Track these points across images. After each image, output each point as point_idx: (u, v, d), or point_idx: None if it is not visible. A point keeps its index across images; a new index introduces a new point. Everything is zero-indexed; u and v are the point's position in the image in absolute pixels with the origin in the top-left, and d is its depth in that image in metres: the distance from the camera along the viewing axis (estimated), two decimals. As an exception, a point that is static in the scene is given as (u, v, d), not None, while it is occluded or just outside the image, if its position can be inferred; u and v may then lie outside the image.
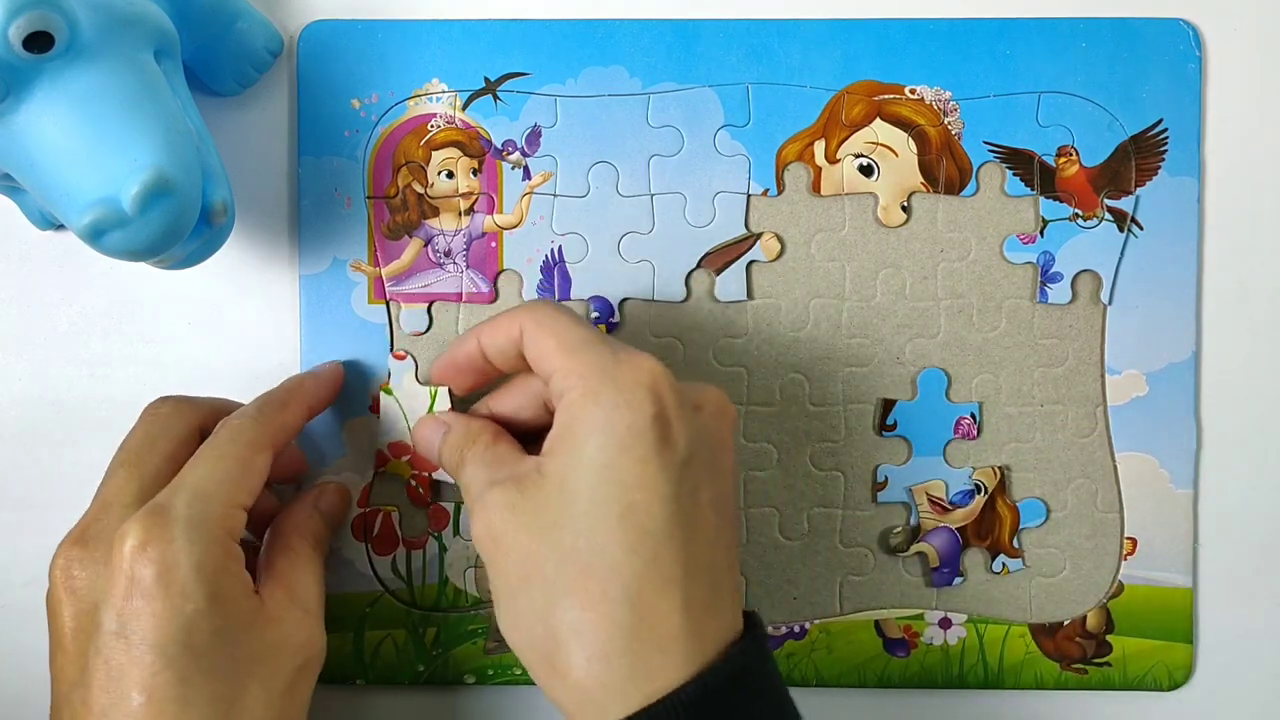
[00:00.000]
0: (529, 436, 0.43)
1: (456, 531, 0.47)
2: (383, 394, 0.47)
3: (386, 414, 0.47)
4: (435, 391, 0.47)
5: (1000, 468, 0.48)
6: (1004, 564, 0.48)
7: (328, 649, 0.43)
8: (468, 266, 0.47)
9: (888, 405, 0.47)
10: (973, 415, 0.47)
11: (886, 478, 0.48)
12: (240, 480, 0.40)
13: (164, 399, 0.44)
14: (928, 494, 0.48)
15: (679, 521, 0.37)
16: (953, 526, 0.48)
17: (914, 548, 0.48)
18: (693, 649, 0.37)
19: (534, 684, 0.48)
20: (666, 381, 0.38)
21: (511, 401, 0.43)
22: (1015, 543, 0.48)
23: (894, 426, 0.48)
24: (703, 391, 0.40)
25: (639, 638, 0.36)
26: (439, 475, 0.47)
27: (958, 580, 0.48)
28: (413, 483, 0.47)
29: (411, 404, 0.47)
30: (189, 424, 0.43)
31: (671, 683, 0.36)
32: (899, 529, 0.48)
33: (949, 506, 0.48)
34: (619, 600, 0.37)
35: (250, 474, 0.41)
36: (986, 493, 0.48)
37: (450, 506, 0.47)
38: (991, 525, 0.48)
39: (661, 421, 0.38)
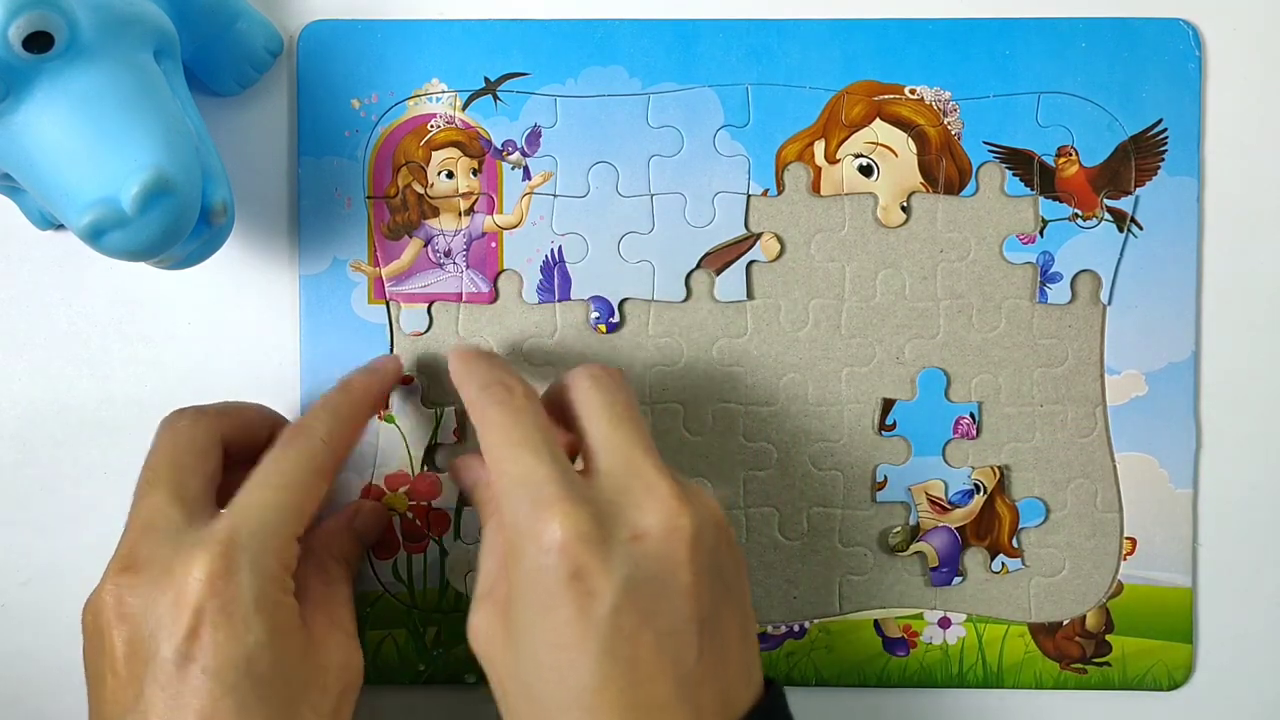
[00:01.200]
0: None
1: (458, 535, 0.47)
2: (382, 423, 0.47)
3: (385, 444, 0.47)
4: (440, 414, 0.47)
5: (1000, 467, 0.48)
6: (1003, 564, 0.48)
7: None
8: (468, 266, 0.47)
9: (887, 405, 0.47)
10: (972, 415, 0.47)
11: (886, 477, 0.48)
12: (303, 511, 0.40)
13: (179, 412, 0.43)
14: (927, 494, 0.48)
15: (613, 673, 0.37)
16: (952, 526, 0.48)
17: (913, 547, 0.48)
18: None
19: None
20: (578, 534, 0.37)
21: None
22: (1015, 542, 0.48)
23: (894, 426, 0.48)
24: (647, 513, 0.39)
25: None
26: (438, 503, 0.47)
27: (957, 580, 0.48)
28: (410, 515, 0.47)
29: (414, 430, 0.47)
30: (210, 435, 0.42)
31: None
32: (898, 529, 0.48)
33: (948, 506, 0.48)
34: None
35: (312, 503, 0.41)
36: (986, 492, 0.48)
37: (451, 511, 0.47)
38: (991, 525, 0.48)
39: (578, 578, 0.37)
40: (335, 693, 0.40)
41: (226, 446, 0.43)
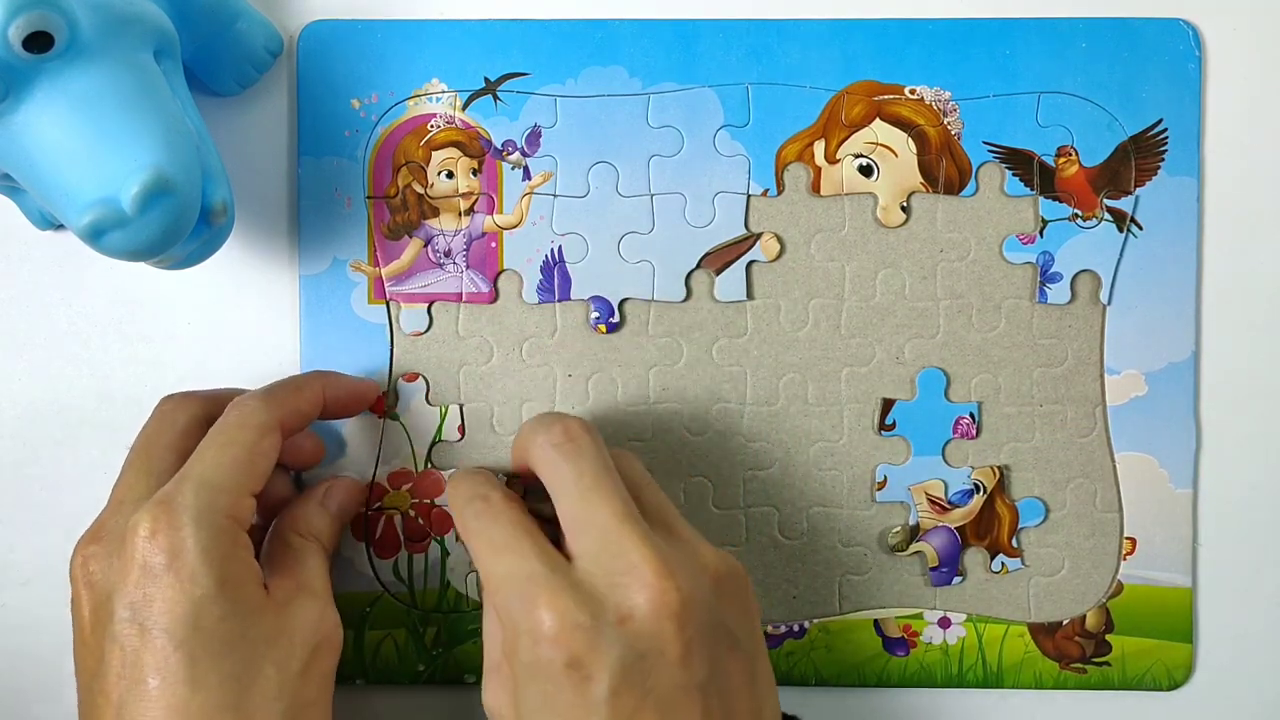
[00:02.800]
0: None
1: (459, 537, 0.47)
2: (386, 420, 0.47)
3: (389, 442, 0.47)
4: (445, 410, 0.47)
5: (999, 467, 0.48)
6: (1003, 563, 0.48)
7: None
8: (468, 266, 0.47)
9: (887, 405, 0.47)
10: (972, 415, 0.47)
11: (886, 477, 0.48)
12: (248, 467, 0.40)
13: (169, 396, 0.44)
14: (927, 493, 0.48)
15: None
16: (952, 526, 0.48)
17: (913, 547, 0.48)
18: None
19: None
20: (569, 623, 0.38)
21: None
22: (1014, 542, 0.48)
23: (893, 426, 0.48)
24: (631, 593, 0.38)
25: None
26: (441, 501, 0.47)
27: (957, 580, 0.48)
28: (412, 513, 0.47)
29: (419, 427, 0.47)
30: (192, 415, 0.43)
31: None
32: (898, 528, 0.48)
33: (948, 506, 0.48)
34: None
35: (258, 459, 0.41)
36: (985, 492, 0.48)
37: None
38: (990, 525, 0.48)
39: (575, 665, 0.38)
40: (305, 650, 0.40)
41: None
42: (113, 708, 0.38)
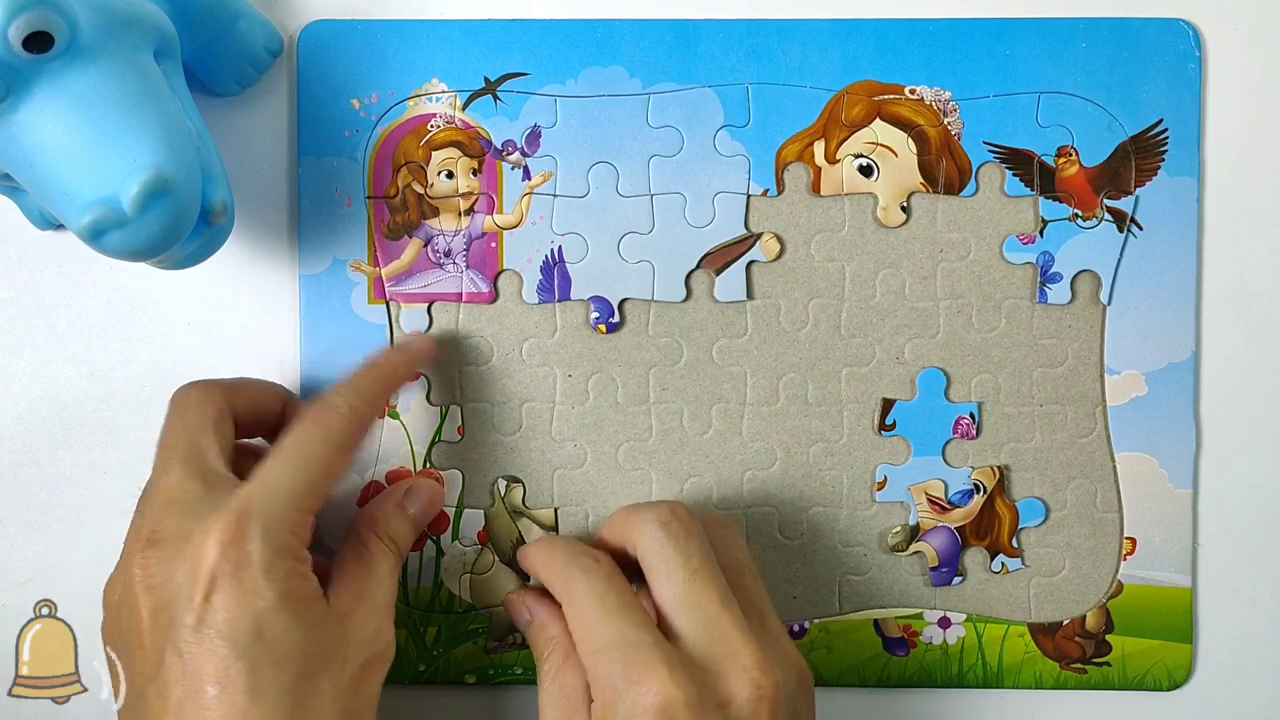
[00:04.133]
0: None
1: (455, 537, 0.47)
2: (386, 420, 0.47)
3: (388, 440, 0.47)
4: (445, 410, 0.47)
5: (999, 467, 0.48)
6: (1003, 564, 0.48)
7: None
8: (468, 266, 0.47)
9: (887, 405, 0.48)
10: (972, 415, 0.47)
11: (886, 477, 0.48)
12: (320, 486, 0.41)
13: (189, 386, 0.44)
14: (927, 494, 0.48)
15: None
16: (952, 526, 0.48)
17: (913, 547, 0.48)
18: None
19: (534, 684, 0.48)
20: (680, 699, 0.38)
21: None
22: (1014, 542, 0.48)
23: (893, 426, 0.48)
24: (732, 680, 0.39)
25: None
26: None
27: (957, 580, 0.48)
28: None
29: (419, 426, 0.47)
30: (220, 408, 0.43)
31: None
32: (898, 529, 0.48)
33: (948, 506, 0.48)
34: None
35: (331, 477, 0.41)
36: (986, 492, 0.48)
37: (450, 511, 0.47)
38: (991, 525, 0.48)
39: None
40: (357, 665, 0.40)
41: (235, 418, 0.43)
42: (170, 713, 0.38)
